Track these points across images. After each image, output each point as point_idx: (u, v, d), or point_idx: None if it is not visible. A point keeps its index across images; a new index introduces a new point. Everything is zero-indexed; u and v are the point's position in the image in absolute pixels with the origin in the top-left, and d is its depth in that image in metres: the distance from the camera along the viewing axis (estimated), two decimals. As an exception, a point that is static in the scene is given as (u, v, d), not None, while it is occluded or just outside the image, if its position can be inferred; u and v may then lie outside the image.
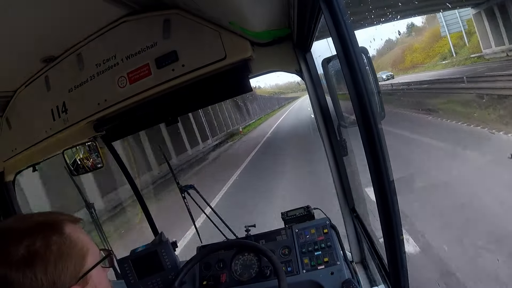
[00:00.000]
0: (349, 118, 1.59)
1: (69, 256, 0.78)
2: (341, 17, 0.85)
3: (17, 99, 1.92)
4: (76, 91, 1.75)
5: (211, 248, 1.72)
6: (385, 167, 0.89)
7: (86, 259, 0.82)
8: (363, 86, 0.85)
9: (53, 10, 1.31)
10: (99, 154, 2.14)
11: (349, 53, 0.85)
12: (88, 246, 0.84)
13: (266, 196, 8.56)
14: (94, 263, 0.84)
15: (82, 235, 0.84)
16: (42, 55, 1.67)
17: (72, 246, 0.79)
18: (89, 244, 0.85)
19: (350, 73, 0.86)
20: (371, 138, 0.87)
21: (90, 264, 0.83)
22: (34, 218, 0.81)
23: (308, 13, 1.30)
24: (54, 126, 1.82)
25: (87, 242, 0.84)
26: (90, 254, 0.84)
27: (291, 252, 1.85)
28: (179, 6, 1.54)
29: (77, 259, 0.79)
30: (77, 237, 0.82)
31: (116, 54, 1.65)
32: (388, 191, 0.91)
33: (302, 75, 1.80)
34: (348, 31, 0.85)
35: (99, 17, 1.56)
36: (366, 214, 2.03)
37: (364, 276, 2.01)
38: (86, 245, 0.83)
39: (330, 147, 1.90)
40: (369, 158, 0.89)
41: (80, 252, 0.81)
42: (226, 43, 1.54)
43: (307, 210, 2.00)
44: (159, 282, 1.96)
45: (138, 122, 1.85)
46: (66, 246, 0.78)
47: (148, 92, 1.64)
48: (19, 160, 2.07)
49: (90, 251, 0.84)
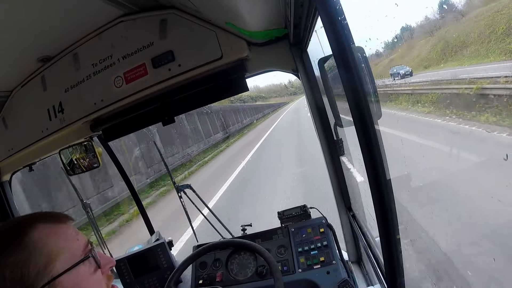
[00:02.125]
0: (345, 118, 1.59)
1: (30, 262, 0.72)
2: (337, 17, 0.85)
3: (13, 99, 1.91)
4: (72, 91, 1.74)
5: (207, 247, 1.72)
6: (381, 166, 0.89)
7: (53, 265, 0.74)
8: (360, 86, 0.86)
9: (50, 10, 1.31)
10: (96, 154, 2.13)
11: (345, 53, 0.85)
12: (59, 251, 0.76)
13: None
14: (68, 266, 0.77)
15: (54, 239, 0.77)
16: (39, 55, 1.67)
17: (34, 253, 0.73)
18: (63, 248, 0.77)
19: (346, 72, 0.86)
20: (367, 138, 0.87)
21: (61, 269, 0.75)
22: (1, 226, 0.77)
23: (304, 13, 1.31)
24: (51, 126, 1.82)
25: (59, 247, 0.77)
26: (62, 259, 0.76)
27: (287, 252, 1.85)
28: (176, 6, 1.54)
29: (40, 266, 0.72)
30: (44, 243, 0.75)
31: (112, 54, 1.65)
32: (385, 190, 0.91)
33: (299, 75, 1.80)
34: (344, 31, 0.85)
35: (95, 17, 1.55)
36: (362, 213, 2.04)
37: (360, 275, 2.02)
38: (55, 251, 0.76)
39: (326, 147, 1.90)
40: (366, 157, 0.89)
41: (45, 258, 0.74)
42: (222, 43, 1.54)
43: (304, 209, 2.00)
44: (155, 281, 1.96)
45: (134, 122, 1.85)
46: (27, 253, 0.72)
47: (145, 92, 1.63)
48: (16, 160, 2.06)
49: (62, 256, 0.76)
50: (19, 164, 2.18)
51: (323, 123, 1.87)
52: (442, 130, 10.33)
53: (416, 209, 4.88)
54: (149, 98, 1.70)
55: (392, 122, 10.37)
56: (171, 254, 2.06)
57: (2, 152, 2.01)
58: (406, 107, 15.23)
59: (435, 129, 10.62)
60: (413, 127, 11.80)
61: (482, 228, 4.18)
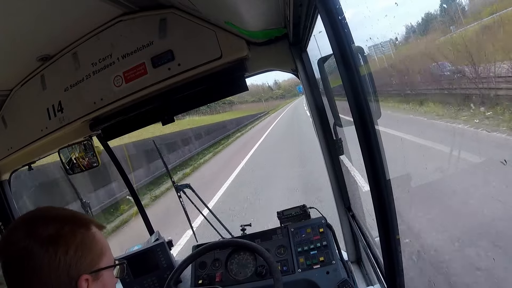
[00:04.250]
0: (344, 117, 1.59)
1: (90, 249, 0.86)
2: (337, 16, 0.85)
3: (13, 98, 1.91)
4: (72, 90, 1.74)
5: (207, 247, 1.72)
6: (381, 166, 0.89)
7: (102, 259, 0.90)
8: (360, 86, 0.86)
9: (49, 9, 1.31)
10: (95, 153, 2.13)
11: (345, 53, 0.85)
12: (107, 250, 0.93)
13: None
14: (107, 265, 0.92)
15: (104, 240, 0.93)
16: (38, 54, 1.67)
17: (94, 242, 0.88)
18: (108, 249, 0.94)
19: (346, 72, 0.86)
20: (367, 137, 0.87)
21: (104, 265, 0.90)
22: (62, 211, 0.91)
23: (304, 13, 1.30)
24: (50, 125, 1.82)
25: (106, 247, 0.93)
26: (106, 257, 0.92)
27: (286, 252, 1.85)
28: (175, 6, 1.54)
29: (95, 255, 0.88)
30: (100, 237, 0.91)
31: (112, 53, 1.65)
32: (385, 190, 0.91)
33: (298, 75, 1.80)
34: (344, 30, 0.85)
35: (95, 16, 1.55)
36: (362, 213, 2.04)
37: (360, 275, 2.02)
38: (105, 248, 0.92)
39: (326, 147, 1.90)
40: (366, 157, 0.89)
41: (100, 250, 0.90)
42: (222, 42, 1.54)
43: (303, 209, 2.00)
44: (154, 281, 1.96)
45: (134, 121, 1.85)
46: (90, 241, 0.87)
47: (144, 91, 1.63)
48: (15, 159, 2.06)
49: (107, 254, 0.92)
50: (19, 163, 2.17)
51: (322, 123, 1.87)
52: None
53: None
54: (148, 98, 1.70)
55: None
56: (171, 254, 2.06)
57: (1, 151, 2.01)
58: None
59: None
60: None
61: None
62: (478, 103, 4.17)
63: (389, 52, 8.53)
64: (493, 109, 4.04)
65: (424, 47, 7.75)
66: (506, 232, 3.93)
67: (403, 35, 12.16)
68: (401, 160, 2.33)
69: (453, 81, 4.97)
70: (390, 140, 1.16)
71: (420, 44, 9.63)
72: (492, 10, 4.32)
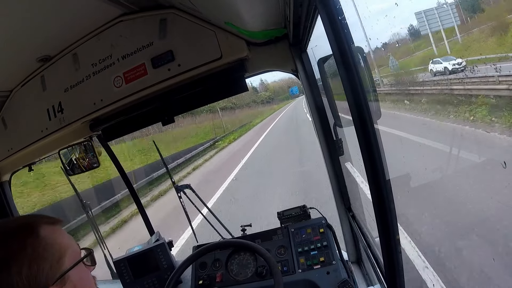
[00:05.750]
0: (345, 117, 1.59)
1: (44, 258, 0.79)
2: (337, 16, 0.85)
3: (13, 99, 1.91)
4: (72, 91, 1.74)
5: (207, 247, 1.71)
6: (381, 166, 0.89)
7: (63, 260, 0.83)
8: (360, 86, 0.85)
9: (49, 10, 1.31)
10: (95, 154, 2.13)
11: (346, 53, 0.85)
12: (67, 248, 0.85)
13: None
14: (73, 263, 0.85)
15: (60, 237, 0.86)
16: (38, 55, 1.67)
17: (47, 248, 0.80)
18: (68, 246, 0.86)
19: (346, 72, 0.86)
20: (367, 138, 0.87)
21: (69, 264, 0.83)
22: (9, 223, 0.84)
23: (304, 13, 1.30)
24: (50, 126, 1.82)
25: (65, 244, 0.85)
26: (69, 255, 0.85)
27: (287, 252, 1.85)
28: (175, 6, 1.54)
29: (53, 261, 0.80)
30: (53, 239, 0.83)
31: (112, 54, 1.65)
32: (384, 190, 0.91)
33: (298, 75, 1.80)
34: (344, 31, 0.85)
35: (95, 17, 1.55)
36: (362, 213, 2.03)
37: (360, 275, 2.02)
38: (63, 247, 0.84)
39: (326, 147, 1.90)
40: (365, 157, 0.89)
41: (58, 253, 0.82)
42: (222, 43, 1.54)
43: (303, 209, 2.00)
44: (154, 282, 1.96)
45: (134, 121, 1.85)
46: (41, 248, 0.79)
47: (144, 92, 1.63)
48: (15, 160, 2.06)
49: (68, 252, 0.85)
50: (19, 164, 2.18)
51: (322, 123, 1.86)
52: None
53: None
54: (148, 98, 1.71)
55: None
56: (171, 255, 2.06)
57: (1, 152, 2.01)
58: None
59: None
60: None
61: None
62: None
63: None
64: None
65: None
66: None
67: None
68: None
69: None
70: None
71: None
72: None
